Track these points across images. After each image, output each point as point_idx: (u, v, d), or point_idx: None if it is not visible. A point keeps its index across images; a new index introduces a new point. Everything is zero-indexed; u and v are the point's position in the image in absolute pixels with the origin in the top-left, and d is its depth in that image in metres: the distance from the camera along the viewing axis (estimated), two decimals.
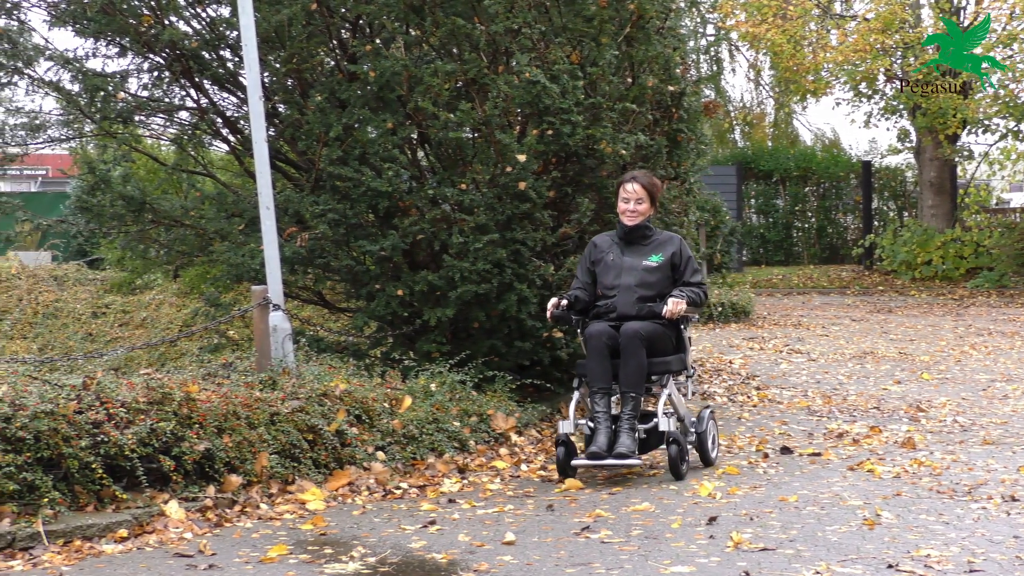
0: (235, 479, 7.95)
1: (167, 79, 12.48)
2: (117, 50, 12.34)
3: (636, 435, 8.65)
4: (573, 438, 8.96)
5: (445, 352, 10.82)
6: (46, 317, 15.92)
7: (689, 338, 9.23)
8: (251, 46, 9.68)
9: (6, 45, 12.38)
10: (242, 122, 12.42)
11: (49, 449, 7.27)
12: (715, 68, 35.28)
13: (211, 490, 7.81)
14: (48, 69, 12.50)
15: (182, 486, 7.71)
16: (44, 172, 34.78)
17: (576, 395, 9.06)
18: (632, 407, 8.68)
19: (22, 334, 15.52)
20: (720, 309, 19.94)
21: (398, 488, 8.53)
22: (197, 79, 12.32)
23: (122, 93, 12.31)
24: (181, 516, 7.45)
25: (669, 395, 8.84)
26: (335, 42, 11.72)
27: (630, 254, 9.17)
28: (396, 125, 10.92)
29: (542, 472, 9.15)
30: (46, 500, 7.13)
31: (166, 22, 11.84)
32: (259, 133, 9.71)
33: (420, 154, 11.96)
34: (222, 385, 8.65)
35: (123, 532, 7.17)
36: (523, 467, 9.33)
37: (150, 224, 12.36)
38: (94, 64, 12.46)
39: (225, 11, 11.89)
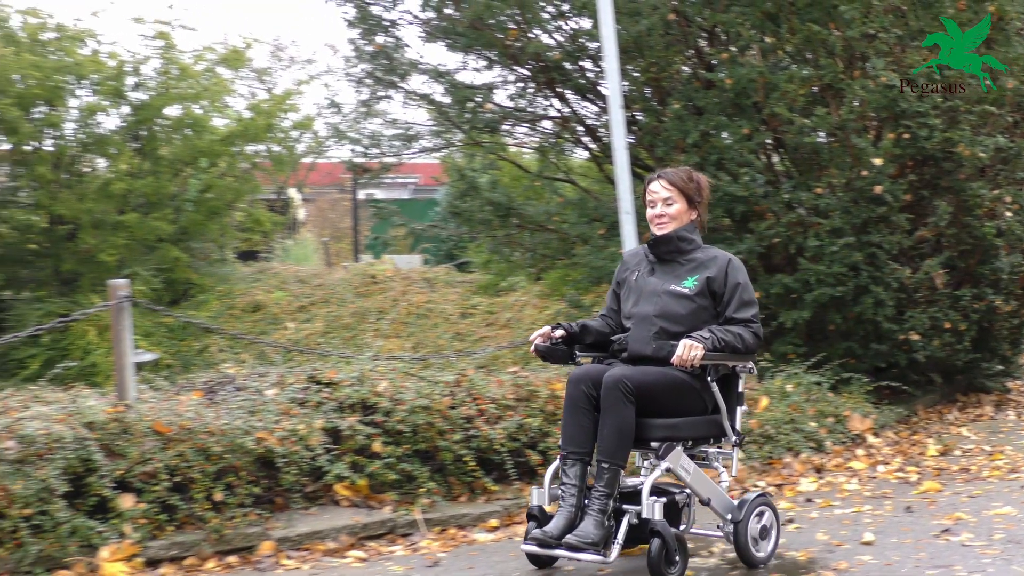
0: None
1: (531, 90, 12.77)
2: (485, 63, 12.73)
3: (609, 520, 6.11)
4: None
5: (801, 354, 10.72)
6: (418, 317, 16.45)
7: (740, 394, 6.60)
8: (612, 57, 9.80)
9: (383, 61, 12.88)
10: (602, 130, 12.57)
11: (425, 442, 7.55)
12: None
13: None
14: (422, 83, 12.97)
15: None
16: (415, 180, 35.87)
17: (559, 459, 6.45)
18: (606, 483, 6.11)
19: (397, 333, 16.06)
20: None
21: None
22: (559, 89, 12.56)
23: (489, 104, 12.66)
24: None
25: (668, 470, 6.27)
26: (692, 51, 11.75)
27: (660, 274, 6.59)
28: (752, 131, 10.89)
29: (900, 474, 8.95)
30: (423, 490, 7.41)
31: (530, 35, 12.10)
32: (619, 140, 9.82)
33: (775, 159, 11.86)
34: None
35: (494, 522, 7.37)
36: (880, 468, 9.14)
37: (515, 228, 12.65)
38: (463, 77, 12.90)
39: (586, 23, 12.06)
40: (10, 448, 6.37)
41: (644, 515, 6.09)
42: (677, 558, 6.10)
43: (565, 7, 12.16)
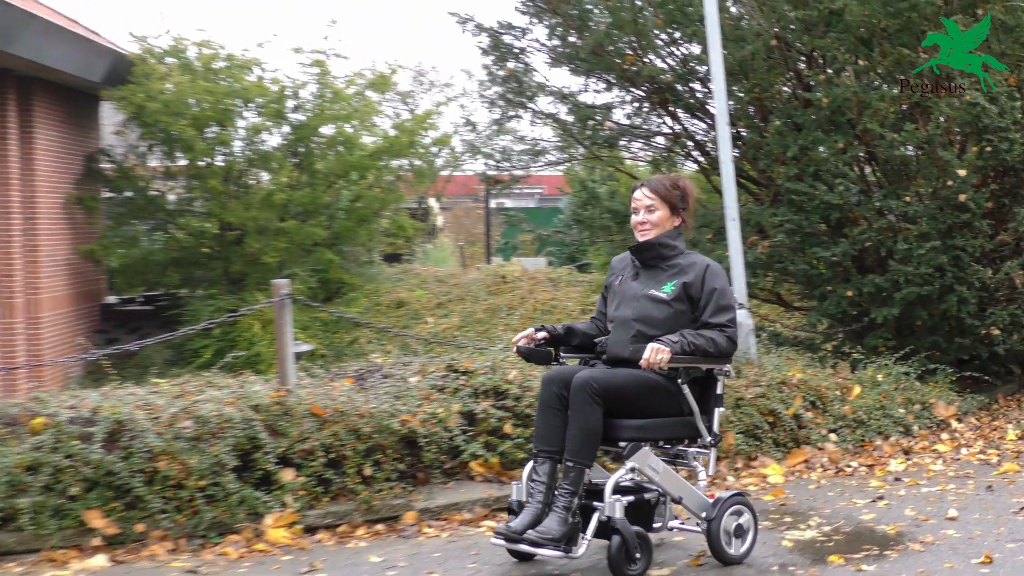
0: None
1: (646, 109, 12.80)
2: (604, 85, 12.77)
3: (575, 517, 5.70)
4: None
5: (890, 347, 10.64)
6: (544, 313, 16.41)
7: (718, 396, 6.15)
8: (719, 79, 9.80)
9: (514, 84, 12.98)
10: (709, 145, 12.56)
11: None
12: None
13: None
14: (548, 103, 13.05)
15: None
16: (540, 190, 35.89)
17: None
18: (571, 481, 5.73)
19: (525, 327, 16.09)
20: None
21: (848, 466, 8.45)
22: (671, 108, 12.57)
23: (608, 122, 12.70)
24: None
25: (633, 469, 5.89)
26: (792, 73, 11.69)
27: (642, 279, 6.18)
28: (846, 145, 10.83)
29: (981, 456, 8.86)
30: None
31: (645, 60, 12.13)
32: (725, 154, 9.82)
33: (867, 170, 11.77)
34: None
35: None
36: (963, 451, 9.04)
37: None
38: (585, 98, 12.97)
39: (696, 49, 12.05)
40: (188, 427, 6.57)
41: (606, 513, 5.72)
42: (638, 556, 5.71)
43: (677, 34, 12.16)
